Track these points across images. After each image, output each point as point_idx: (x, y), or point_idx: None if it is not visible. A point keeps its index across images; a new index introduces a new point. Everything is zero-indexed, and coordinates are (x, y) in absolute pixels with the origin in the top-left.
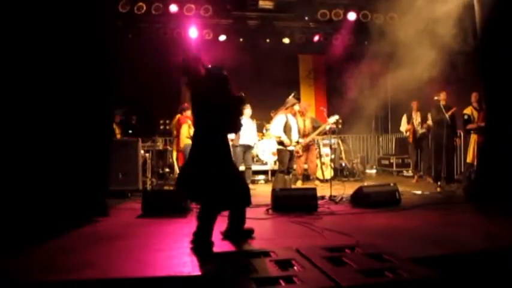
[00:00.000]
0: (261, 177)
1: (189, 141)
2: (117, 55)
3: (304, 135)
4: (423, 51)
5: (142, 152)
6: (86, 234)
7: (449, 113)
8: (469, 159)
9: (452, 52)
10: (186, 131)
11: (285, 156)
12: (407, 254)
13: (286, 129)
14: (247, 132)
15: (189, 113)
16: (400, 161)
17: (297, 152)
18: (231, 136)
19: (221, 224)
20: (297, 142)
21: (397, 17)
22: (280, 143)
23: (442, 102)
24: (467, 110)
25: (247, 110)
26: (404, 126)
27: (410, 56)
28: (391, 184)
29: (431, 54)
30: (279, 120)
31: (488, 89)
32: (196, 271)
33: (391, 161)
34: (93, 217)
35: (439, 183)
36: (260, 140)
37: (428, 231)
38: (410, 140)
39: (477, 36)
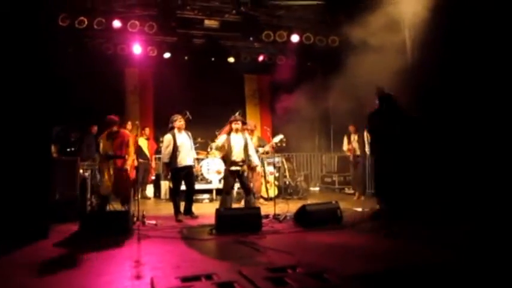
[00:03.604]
0: (206, 196)
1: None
2: (56, 70)
3: None
4: (363, 73)
5: (81, 171)
6: (24, 257)
7: None
8: None
9: (389, 76)
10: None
11: (228, 177)
12: (348, 271)
13: (223, 148)
14: (184, 151)
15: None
16: (342, 178)
17: (244, 171)
18: (163, 159)
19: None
20: (243, 161)
21: (339, 40)
22: (224, 162)
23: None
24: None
25: (177, 123)
26: (345, 146)
27: (351, 78)
28: (333, 202)
29: (370, 76)
30: (219, 139)
31: None
32: None
33: (334, 178)
34: (32, 239)
35: None
36: (205, 158)
37: (369, 247)
38: (351, 159)
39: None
